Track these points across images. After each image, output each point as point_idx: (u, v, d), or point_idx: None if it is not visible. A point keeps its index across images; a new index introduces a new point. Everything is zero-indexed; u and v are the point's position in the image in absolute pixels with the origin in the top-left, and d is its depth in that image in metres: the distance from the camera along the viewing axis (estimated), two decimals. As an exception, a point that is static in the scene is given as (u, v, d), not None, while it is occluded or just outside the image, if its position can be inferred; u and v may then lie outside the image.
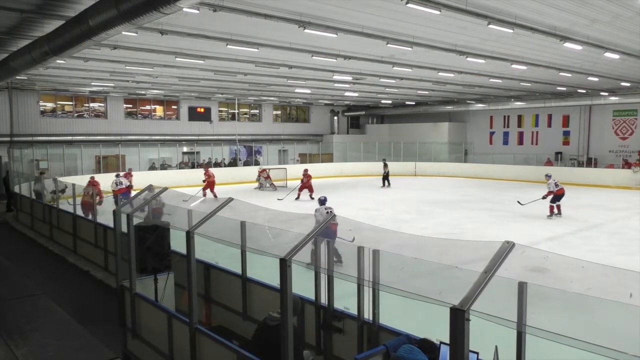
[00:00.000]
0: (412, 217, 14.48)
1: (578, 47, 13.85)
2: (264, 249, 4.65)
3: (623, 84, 22.69)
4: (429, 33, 12.97)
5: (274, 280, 4.34)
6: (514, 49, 15.10)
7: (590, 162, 26.93)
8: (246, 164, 29.69)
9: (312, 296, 4.80)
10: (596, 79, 21.00)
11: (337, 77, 21.22)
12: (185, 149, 29.94)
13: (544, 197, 15.04)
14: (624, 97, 25.33)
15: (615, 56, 15.34)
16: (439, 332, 3.20)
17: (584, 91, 25.78)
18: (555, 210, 14.93)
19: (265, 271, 5.34)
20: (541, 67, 17.98)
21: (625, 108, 26.36)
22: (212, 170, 21.54)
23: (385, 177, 24.36)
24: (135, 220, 5.76)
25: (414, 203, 17.08)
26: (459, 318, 2.51)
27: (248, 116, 34.30)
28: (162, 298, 5.52)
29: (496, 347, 3.11)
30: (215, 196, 19.57)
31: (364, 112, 38.14)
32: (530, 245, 3.39)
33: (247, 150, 32.09)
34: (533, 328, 2.81)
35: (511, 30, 11.92)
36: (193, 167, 28.03)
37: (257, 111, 34.53)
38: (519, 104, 29.37)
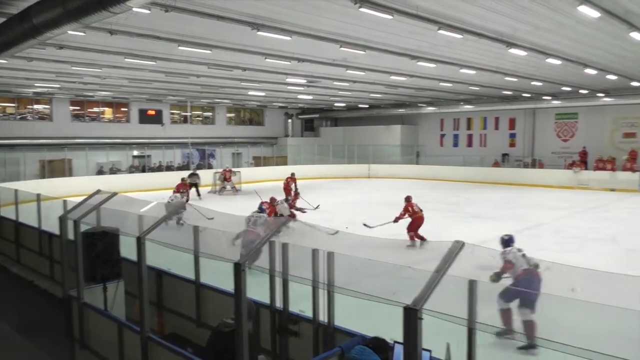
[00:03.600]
0: (366, 219, 14.63)
1: (523, 53, 14.41)
2: (219, 253, 4.59)
3: (564, 88, 23.77)
4: (381, 37, 13.18)
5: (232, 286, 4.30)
6: (462, 54, 15.54)
7: (535, 163, 28.06)
8: (199, 167, 29.20)
9: (267, 300, 4.77)
10: (540, 84, 21.92)
11: (291, 79, 21.22)
12: (135, 153, 29.13)
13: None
14: (565, 101, 26.57)
15: (557, 62, 16.05)
16: (395, 331, 3.25)
17: (528, 95, 26.85)
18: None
19: (220, 277, 5.27)
20: (488, 72, 18.59)
21: (566, 111, 27.63)
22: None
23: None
24: (83, 227, 5.56)
25: (368, 205, 17.28)
26: (411, 317, 2.56)
27: (201, 119, 33.79)
28: (111, 307, 5.35)
29: (448, 344, 3.18)
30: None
31: (318, 115, 38.32)
32: (479, 244, 3.49)
33: (200, 154, 31.59)
34: (483, 324, 2.90)
35: (460, 36, 12.28)
36: (144, 170, 27.33)
37: (211, 114, 34.07)
38: (468, 107, 30.26)
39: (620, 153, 24.98)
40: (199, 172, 22.86)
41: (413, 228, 11.73)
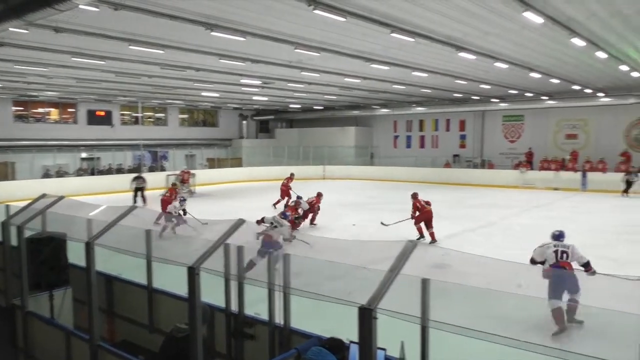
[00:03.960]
0: (322, 220, 14.71)
1: (472, 57, 14.87)
2: (172, 257, 4.50)
3: (511, 91, 24.66)
4: (335, 39, 13.28)
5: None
6: (414, 57, 15.87)
7: (484, 164, 28.97)
8: (151, 169, 28.52)
9: (222, 304, 4.72)
10: (488, 87, 22.65)
11: (245, 80, 21.06)
12: (84, 155, 28.16)
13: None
14: (512, 104, 27.57)
15: (504, 66, 16.65)
16: (353, 331, 3.28)
17: (477, 98, 27.70)
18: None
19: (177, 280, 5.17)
20: (439, 75, 19.06)
21: (513, 114, 28.69)
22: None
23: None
24: (28, 233, 5.34)
25: (323, 206, 17.32)
26: (366, 317, 2.59)
27: (153, 120, 33.01)
28: (58, 315, 5.15)
29: (402, 342, 3.24)
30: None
31: (273, 117, 38.18)
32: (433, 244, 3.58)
33: (152, 156, 30.86)
34: (436, 322, 2.97)
35: (412, 39, 12.53)
36: (92, 173, 26.43)
37: (163, 115, 33.34)
38: (420, 109, 30.91)
39: (563, 153, 26.26)
40: (147, 174, 22.22)
41: (420, 221, 12.31)
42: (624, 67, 17.28)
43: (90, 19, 10.57)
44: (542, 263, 6.76)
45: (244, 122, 36.95)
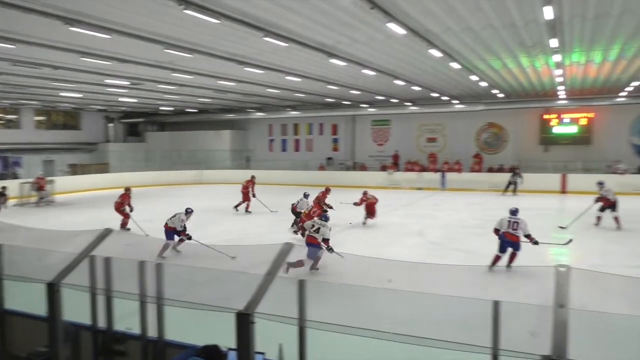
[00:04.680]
0: (199, 225, 14.31)
1: (342, 63, 15.48)
2: (28, 274, 4.08)
3: (378, 97, 26.15)
4: (208, 41, 13.01)
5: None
6: (288, 62, 16.11)
7: (356, 166, 30.35)
8: (2, 177, 25.54)
9: (88, 321, 4.37)
10: (358, 92, 23.77)
11: (111, 81, 19.78)
12: None
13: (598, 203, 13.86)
14: (379, 109, 29.27)
15: (372, 73, 17.59)
16: (232, 337, 3.22)
17: (348, 103, 28.93)
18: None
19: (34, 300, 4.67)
20: (312, 80, 19.57)
21: (381, 118, 30.47)
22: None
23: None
24: None
25: (199, 212, 16.85)
26: (244, 322, 2.57)
27: (3, 122, 29.61)
28: None
29: (280, 345, 3.26)
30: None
31: (143, 119, 36.27)
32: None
33: (2, 162, 27.66)
34: (313, 322, 3.04)
35: (285, 44, 12.71)
36: None
37: (15, 116, 30.04)
38: (294, 113, 31.48)
39: (425, 156, 28.65)
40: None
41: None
42: (474, 77, 19.19)
43: None
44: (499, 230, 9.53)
45: (111, 125, 34.63)
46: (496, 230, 9.58)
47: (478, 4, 10.07)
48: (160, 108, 32.45)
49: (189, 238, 10.68)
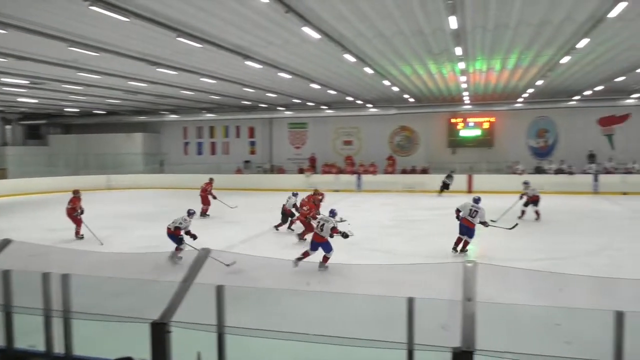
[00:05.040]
0: (110, 233, 13.62)
1: (258, 66, 15.43)
2: None
3: (295, 100, 26.33)
4: (117, 40, 12.45)
5: None
6: (203, 63, 15.81)
7: (273, 169, 30.33)
8: None
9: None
10: (274, 95, 23.78)
11: (7, 79, 18.33)
12: None
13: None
14: (296, 112, 29.47)
15: (288, 76, 17.69)
16: (147, 349, 3.10)
17: (265, 106, 28.86)
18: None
19: None
20: (228, 82, 19.33)
21: (298, 121, 30.68)
22: None
23: None
24: None
25: (110, 218, 16.05)
26: (159, 332, 2.49)
27: None
28: None
29: (199, 353, 3.19)
30: None
31: (45, 121, 33.89)
32: (226, 250, 3.60)
33: None
34: (231, 327, 3.00)
35: (200, 45, 12.46)
36: None
37: None
38: (210, 115, 30.88)
39: (342, 158, 29.24)
40: None
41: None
42: (386, 82, 19.89)
43: None
44: (459, 213, 10.72)
45: (8, 127, 32.05)
46: (457, 212, 10.77)
47: (388, 11, 10.47)
48: (65, 109, 30.52)
49: (195, 238, 10.05)
